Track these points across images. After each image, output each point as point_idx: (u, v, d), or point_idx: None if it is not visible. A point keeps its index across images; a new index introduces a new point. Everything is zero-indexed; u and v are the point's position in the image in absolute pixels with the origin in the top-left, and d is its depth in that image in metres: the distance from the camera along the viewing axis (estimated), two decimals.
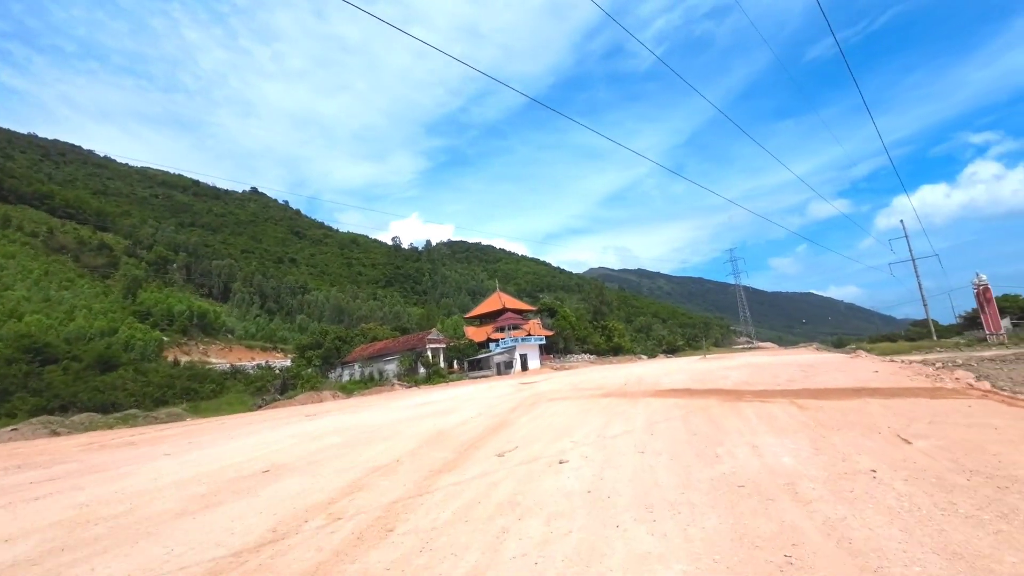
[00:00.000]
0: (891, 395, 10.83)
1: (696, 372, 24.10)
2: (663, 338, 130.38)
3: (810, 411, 9.38)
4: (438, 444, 8.66)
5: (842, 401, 10.28)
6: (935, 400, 9.84)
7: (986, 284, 40.47)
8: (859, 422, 7.88)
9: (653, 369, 30.94)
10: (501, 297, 62.98)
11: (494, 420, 11.24)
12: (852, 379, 14.99)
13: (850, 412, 8.88)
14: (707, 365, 31.28)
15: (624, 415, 10.55)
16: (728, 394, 13.20)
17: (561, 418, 10.75)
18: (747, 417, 9.22)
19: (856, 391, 11.87)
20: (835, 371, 18.64)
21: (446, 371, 52.85)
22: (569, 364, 57.02)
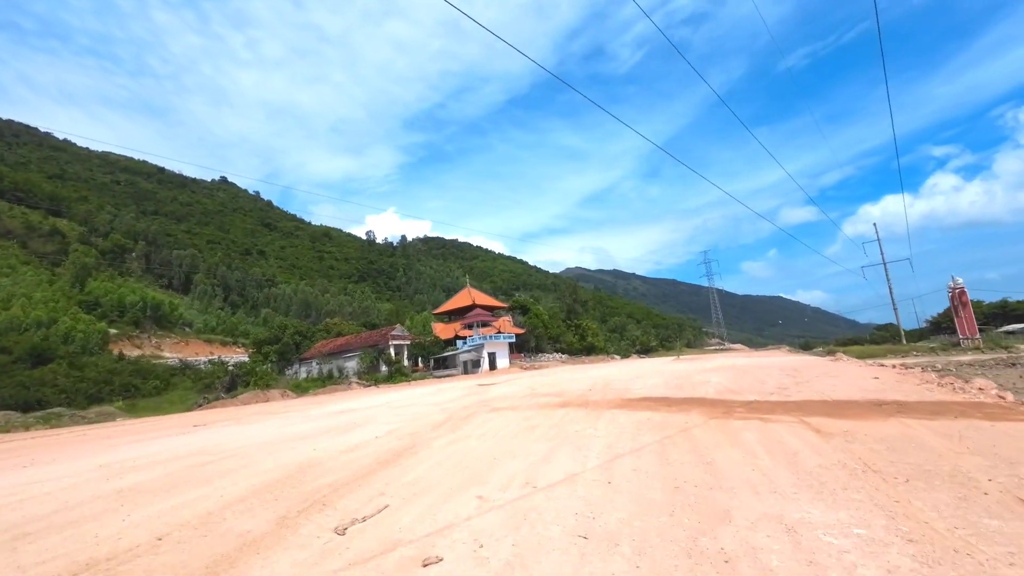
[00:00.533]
0: (930, 414, 8.04)
1: (671, 375, 21.34)
2: (637, 338, 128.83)
3: (836, 439, 6.50)
4: (273, 495, 5.51)
5: (871, 423, 7.45)
6: (997, 423, 7.06)
7: (962, 288, 38.97)
8: (928, 466, 5.00)
9: (625, 371, 28.17)
10: (471, 292, 59.75)
11: (400, 443, 8.12)
12: (855, 388, 12.31)
13: (897, 444, 6.00)
14: (682, 367, 28.69)
15: (577, 439, 7.54)
16: (713, 406, 10.33)
17: (490, 443, 7.67)
18: (750, 448, 6.29)
19: (877, 406, 9.09)
20: (827, 377, 16.05)
21: (409, 369, 49.42)
22: (540, 363, 54.14)
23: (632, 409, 10.66)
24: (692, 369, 25.34)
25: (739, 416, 8.83)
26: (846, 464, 5.18)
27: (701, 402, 11.22)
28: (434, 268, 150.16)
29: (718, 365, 28.81)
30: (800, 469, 5.12)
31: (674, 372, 23.50)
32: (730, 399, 11.39)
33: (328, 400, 27.72)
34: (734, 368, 24.18)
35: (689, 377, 19.47)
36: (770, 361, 31.64)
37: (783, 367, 22.68)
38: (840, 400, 10.16)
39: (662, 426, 8.28)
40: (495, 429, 8.90)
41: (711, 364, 31.12)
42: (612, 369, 31.67)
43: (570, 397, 13.99)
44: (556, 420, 9.55)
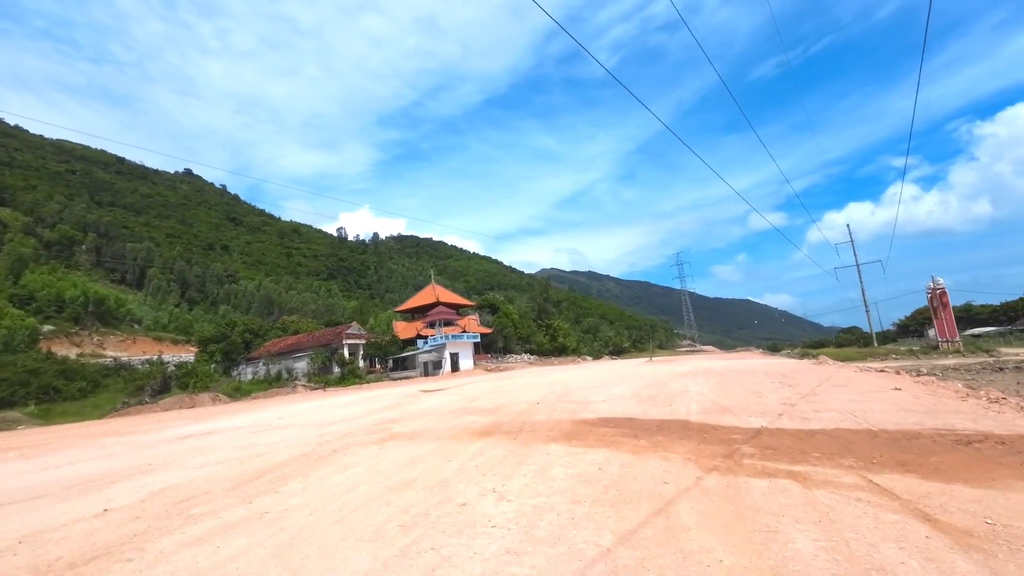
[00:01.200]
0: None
1: (643, 381, 17.80)
2: (610, 339, 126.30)
3: (971, 539, 2.82)
4: None
5: (1001, 490, 3.83)
6: None
7: (943, 288, 36.62)
8: None
9: (591, 375, 24.59)
10: (435, 289, 55.63)
11: (115, 534, 4.19)
12: (892, 407, 8.83)
13: None
14: (655, 370, 25.32)
15: (451, 530, 3.74)
16: (704, 439, 6.69)
17: (284, 538, 3.80)
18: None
19: (962, 443, 5.53)
20: (837, 388, 12.70)
21: (364, 371, 45.08)
22: (506, 365, 50.38)
23: (581, 443, 6.92)
24: (666, 373, 21.89)
25: (753, 467, 5.16)
26: None
27: (684, 430, 7.56)
28: (406, 266, 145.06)
29: (694, 368, 25.48)
30: None
31: (646, 377, 19.97)
32: (725, 424, 7.79)
33: (243, 408, 23.39)
34: (714, 373, 20.81)
35: (664, 384, 15.92)
36: (751, 364, 28.54)
37: (771, 372, 19.40)
38: (891, 430, 6.60)
39: (622, 491, 4.55)
40: (338, 491, 5.04)
41: (686, 367, 27.81)
42: (578, 372, 28.09)
43: (507, 416, 10.22)
44: (451, 471, 5.73)
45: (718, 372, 20.91)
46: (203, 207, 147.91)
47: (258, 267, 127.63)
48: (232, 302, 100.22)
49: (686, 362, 37.30)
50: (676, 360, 44.35)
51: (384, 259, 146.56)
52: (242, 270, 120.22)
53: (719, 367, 25.58)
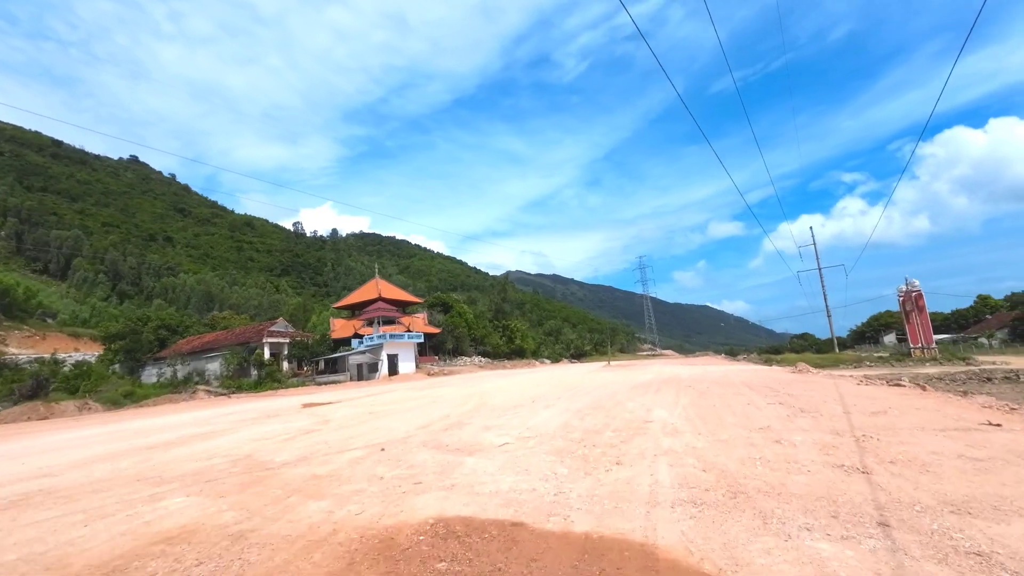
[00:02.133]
0: None
1: (589, 398, 12.69)
2: (571, 342, 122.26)
3: None
4: None
5: None
6: None
7: (919, 290, 33.20)
8: None
9: (526, 386, 19.41)
10: (378, 284, 49.55)
11: None
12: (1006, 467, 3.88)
13: None
14: (610, 379, 20.40)
15: None
16: None
17: None
18: None
19: None
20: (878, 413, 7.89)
21: (289, 374, 38.70)
22: (455, 368, 44.81)
23: None
24: (623, 384, 16.87)
25: None
26: None
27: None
28: (365, 264, 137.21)
29: (657, 377, 20.63)
30: None
31: (596, 390, 14.88)
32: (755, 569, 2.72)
33: (92, 422, 17.10)
34: (683, 384, 15.91)
35: (616, 406, 10.78)
36: (722, 371, 23.87)
37: (756, 386, 14.64)
38: None
39: None
40: None
41: (647, 374, 22.97)
42: (516, 380, 22.88)
43: (292, 479, 4.78)
44: None
45: (687, 383, 16.01)
46: (148, 196, 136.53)
47: (205, 261, 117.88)
48: (169, 296, 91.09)
49: (647, 368, 32.69)
50: (636, 365, 39.81)
51: (342, 256, 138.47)
52: (186, 263, 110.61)
53: (685, 375, 20.80)
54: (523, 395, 14.28)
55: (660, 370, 27.73)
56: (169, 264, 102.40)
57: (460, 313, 61.18)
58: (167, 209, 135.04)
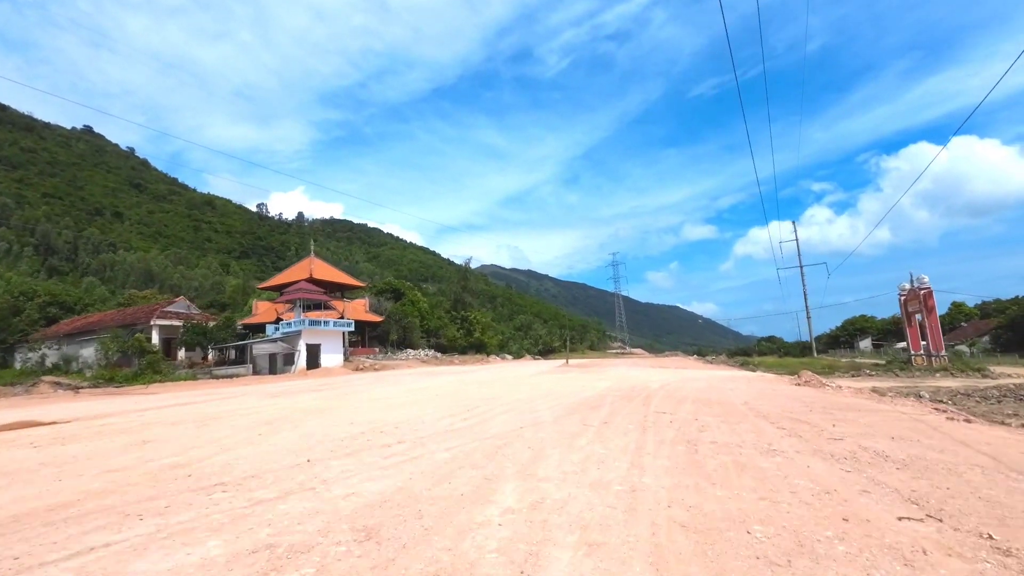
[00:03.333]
0: None
1: (474, 442, 6.08)
2: (540, 337, 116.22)
3: None
4: None
5: None
6: None
7: (928, 288, 27.59)
8: None
9: (438, 394, 12.79)
10: (312, 263, 42.16)
11: None
12: None
13: None
14: (554, 387, 13.95)
15: None
16: None
17: None
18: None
19: None
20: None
21: (182, 363, 31.23)
22: (393, 362, 37.87)
23: None
24: (560, 400, 10.37)
25: None
26: None
27: None
28: (331, 250, 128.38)
29: (616, 386, 14.25)
30: None
31: (522, 402, 8.37)
32: None
33: None
34: (650, 406, 9.41)
35: (533, 460, 4.17)
36: (702, 378, 17.45)
37: (775, 415, 8.25)
38: None
39: None
40: None
41: (604, 380, 16.53)
42: (435, 384, 16.20)
43: None
44: None
45: (659, 404, 9.55)
46: (101, 169, 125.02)
47: (157, 239, 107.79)
48: (106, 275, 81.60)
49: (608, 369, 26.41)
50: (598, 365, 33.54)
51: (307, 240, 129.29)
52: (135, 241, 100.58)
53: (657, 384, 14.44)
54: (380, 425, 7.59)
55: (624, 374, 21.32)
56: (111, 240, 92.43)
57: (413, 301, 54.12)
58: (121, 183, 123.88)
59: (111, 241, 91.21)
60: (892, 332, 68.87)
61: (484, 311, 79.53)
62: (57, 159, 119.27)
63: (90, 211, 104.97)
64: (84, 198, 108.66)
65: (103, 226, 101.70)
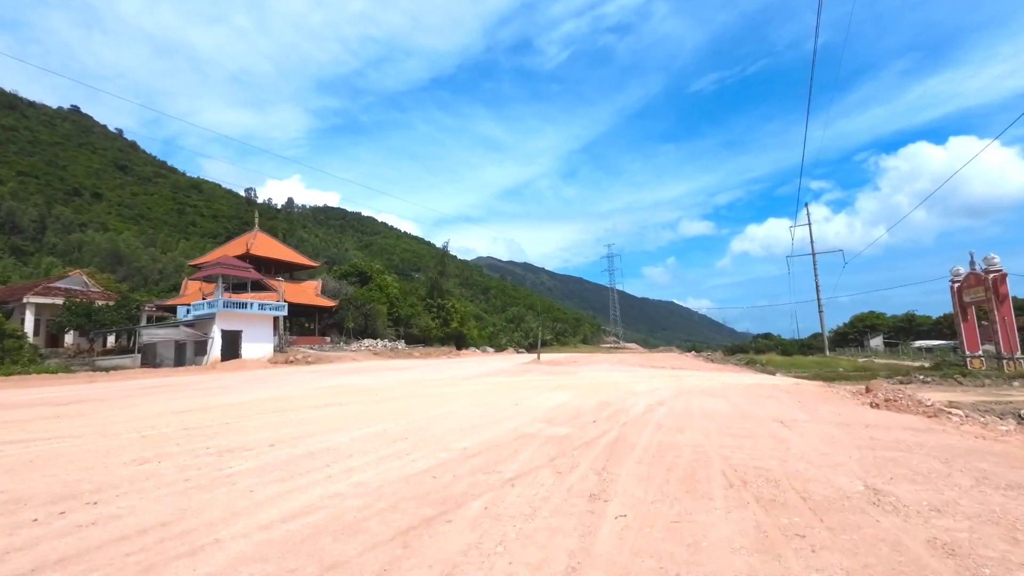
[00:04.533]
0: None
1: None
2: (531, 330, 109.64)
3: None
4: None
5: None
6: None
7: (1000, 271, 20.85)
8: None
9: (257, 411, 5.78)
10: (255, 238, 35.53)
11: None
12: None
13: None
14: (472, 408, 7.47)
15: None
16: None
17: None
18: None
19: None
20: None
21: (69, 351, 24.63)
22: (341, 354, 31.28)
23: None
24: (440, 443, 3.65)
25: None
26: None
27: None
28: (320, 237, 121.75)
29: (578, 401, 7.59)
30: None
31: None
32: None
33: None
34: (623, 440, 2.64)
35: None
36: (714, 384, 10.62)
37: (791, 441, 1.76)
38: None
39: None
40: None
41: (563, 391, 9.52)
42: (299, 387, 9.46)
43: None
44: None
45: (644, 436, 2.60)
46: (85, 149, 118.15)
47: (138, 221, 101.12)
48: (72, 256, 75.29)
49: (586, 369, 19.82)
50: (578, 363, 26.91)
51: (296, 227, 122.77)
52: (113, 222, 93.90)
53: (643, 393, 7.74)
54: None
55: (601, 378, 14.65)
56: (83, 221, 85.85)
57: (381, 286, 47.45)
58: (106, 165, 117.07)
59: (82, 221, 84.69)
60: (904, 329, 62.11)
61: (464, 300, 72.74)
62: (39, 138, 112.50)
63: (68, 191, 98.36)
64: (63, 178, 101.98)
65: (80, 207, 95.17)
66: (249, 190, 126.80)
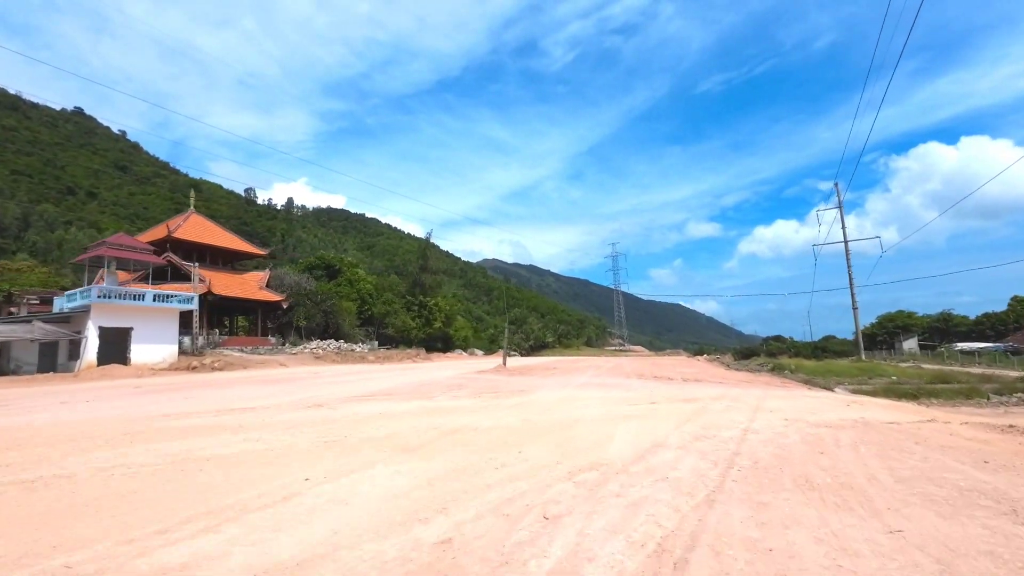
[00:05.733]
0: None
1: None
2: (531, 332, 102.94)
3: None
4: None
5: None
6: None
7: None
8: None
9: None
10: (189, 220, 29.40)
11: None
12: None
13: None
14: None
15: None
16: None
17: None
18: None
19: None
20: None
21: None
22: (268, 358, 24.95)
23: None
24: None
25: None
26: None
27: None
28: (319, 237, 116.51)
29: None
30: None
31: None
32: None
33: None
34: None
35: None
36: (764, 420, 4.51)
37: None
38: None
39: None
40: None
41: (480, 433, 3.28)
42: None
43: None
44: None
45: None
46: (86, 150, 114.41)
47: (133, 221, 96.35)
48: (51, 254, 70.74)
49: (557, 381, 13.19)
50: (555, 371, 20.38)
51: (295, 227, 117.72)
52: (107, 222, 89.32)
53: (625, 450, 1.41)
54: None
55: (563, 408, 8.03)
56: (70, 219, 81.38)
57: (351, 280, 41.18)
58: (106, 165, 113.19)
59: (68, 220, 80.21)
60: (939, 330, 54.25)
61: (457, 298, 66.13)
62: (39, 138, 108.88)
63: (61, 190, 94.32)
64: (58, 177, 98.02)
65: (72, 205, 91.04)
66: (248, 190, 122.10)
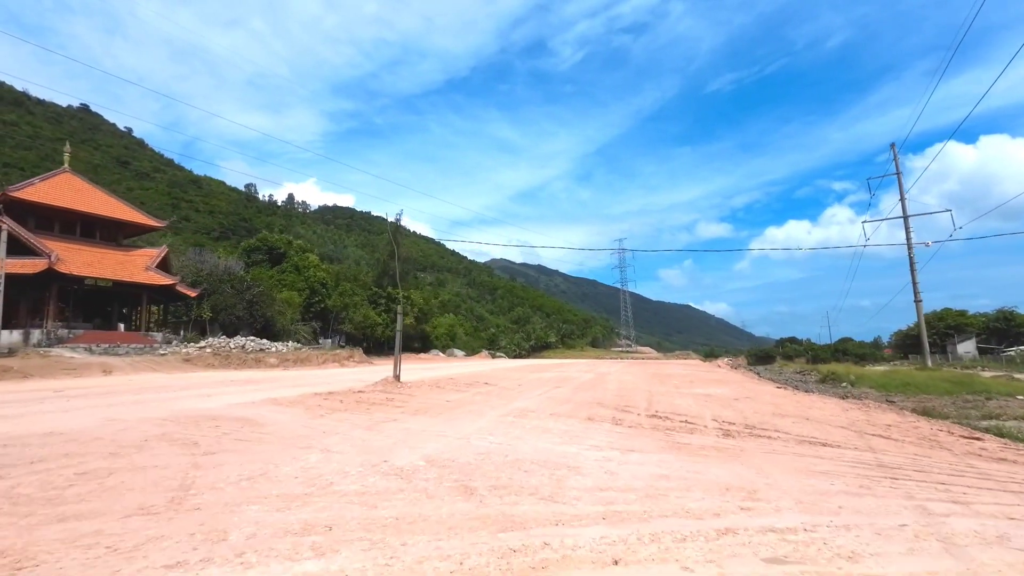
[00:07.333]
0: None
1: None
2: (532, 331, 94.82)
3: None
4: None
5: None
6: None
7: None
8: None
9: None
10: (56, 179, 22.19)
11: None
12: None
13: None
14: None
15: None
16: None
17: None
18: None
19: None
20: None
21: None
22: (107, 360, 17.27)
23: None
24: None
25: None
26: None
27: None
28: (318, 233, 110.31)
29: None
30: None
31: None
32: None
33: None
34: None
35: None
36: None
37: None
38: None
39: None
40: None
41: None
42: None
43: None
44: None
45: None
46: (88, 146, 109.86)
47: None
48: None
49: (482, 403, 5.63)
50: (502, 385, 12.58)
51: (294, 223, 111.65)
52: None
53: None
54: None
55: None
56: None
57: (299, 267, 33.58)
58: (107, 161, 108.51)
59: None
60: (999, 332, 44.78)
61: (424, 289, 58.16)
62: (40, 133, 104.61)
63: None
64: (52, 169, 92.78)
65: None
66: (249, 186, 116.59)
